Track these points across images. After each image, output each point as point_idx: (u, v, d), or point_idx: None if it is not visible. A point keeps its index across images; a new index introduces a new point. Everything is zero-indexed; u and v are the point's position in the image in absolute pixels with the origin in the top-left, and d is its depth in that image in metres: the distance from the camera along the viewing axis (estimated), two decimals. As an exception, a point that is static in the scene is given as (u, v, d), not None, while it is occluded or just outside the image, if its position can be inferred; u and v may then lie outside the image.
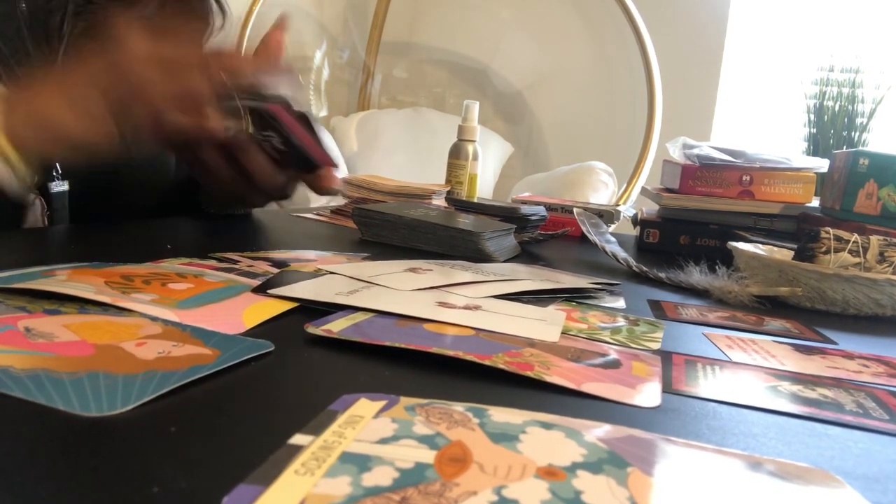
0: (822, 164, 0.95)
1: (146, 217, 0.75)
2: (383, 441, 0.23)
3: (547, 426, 0.26)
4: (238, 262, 0.52)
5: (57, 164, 0.65)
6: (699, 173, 0.96)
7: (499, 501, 0.20)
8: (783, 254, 0.73)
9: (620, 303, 0.55)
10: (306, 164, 0.62)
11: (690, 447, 0.26)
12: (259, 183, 0.63)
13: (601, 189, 1.99)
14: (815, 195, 0.96)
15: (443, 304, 0.44)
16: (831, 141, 2.16)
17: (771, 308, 0.61)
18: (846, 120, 2.16)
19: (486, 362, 0.33)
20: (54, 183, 0.65)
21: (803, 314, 0.60)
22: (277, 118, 0.59)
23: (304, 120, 0.61)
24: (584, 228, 0.81)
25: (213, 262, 0.50)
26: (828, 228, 0.66)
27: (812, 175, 0.95)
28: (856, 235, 0.65)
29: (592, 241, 0.77)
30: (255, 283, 0.45)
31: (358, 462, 0.21)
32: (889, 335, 0.56)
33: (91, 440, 0.22)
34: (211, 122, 0.53)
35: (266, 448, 0.22)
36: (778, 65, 2.32)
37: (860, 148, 2.07)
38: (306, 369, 0.32)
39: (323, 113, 2.62)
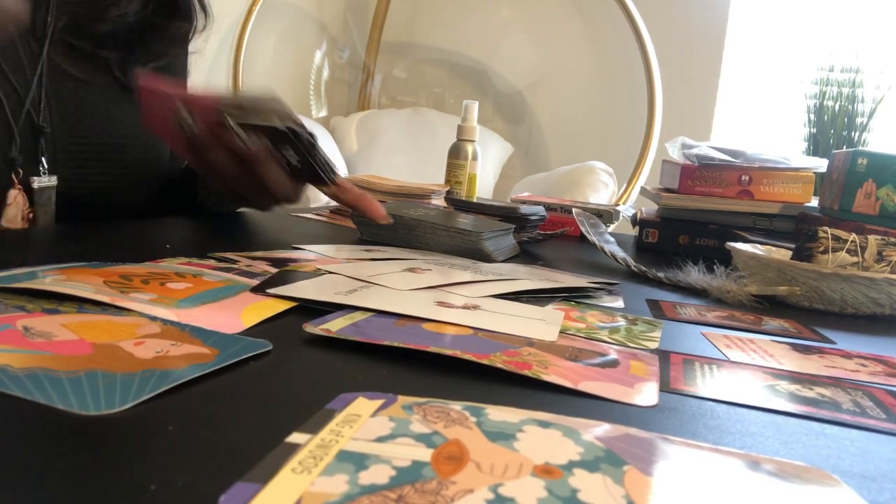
0: (821, 164, 0.95)
1: (137, 213, 0.75)
2: (380, 439, 0.23)
3: (544, 425, 0.26)
4: (237, 261, 0.52)
5: (42, 159, 0.65)
6: (698, 173, 0.96)
7: (495, 499, 0.20)
8: (781, 253, 0.73)
9: (619, 302, 0.55)
10: (317, 178, 0.65)
11: (688, 446, 0.26)
12: (272, 191, 0.63)
13: (601, 189, 1.99)
14: (815, 195, 0.96)
15: (441, 304, 0.44)
16: (831, 141, 2.17)
17: (769, 307, 0.61)
18: (846, 120, 2.16)
19: (485, 361, 0.33)
20: (38, 178, 0.65)
21: (801, 313, 0.61)
22: (298, 135, 0.62)
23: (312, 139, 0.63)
24: (582, 228, 0.81)
25: (211, 262, 0.51)
26: (826, 228, 0.66)
27: (811, 175, 0.95)
28: (854, 235, 0.65)
29: (591, 240, 0.77)
30: (254, 282, 0.45)
31: (355, 460, 0.21)
32: (887, 334, 0.56)
33: (89, 439, 0.22)
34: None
35: (263, 446, 0.22)
36: (778, 65, 2.32)
37: (859, 148, 2.07)
38: (304, 368, 0.32)
39: (323, 113, 2.62)
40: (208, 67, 2.08)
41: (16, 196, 0.63)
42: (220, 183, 0.65)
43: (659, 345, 0.43)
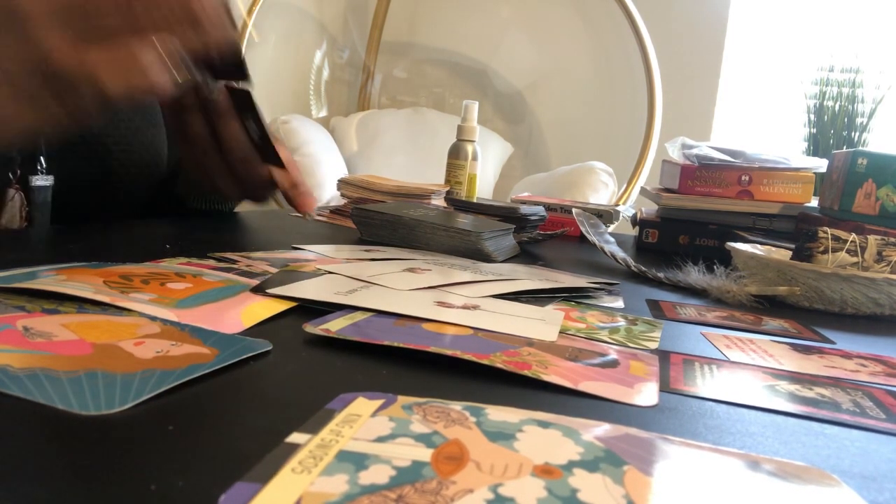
0: (821, 164, 0.95)
1: (136, 213, 0.75)
2: (380, 439, 0.23)
3: (544, 425, 0.26)
4: (237, 261, 0.52)
5: (41, 158, 0.65)
6: (698, 173, 0.96)
7: (495, 499, 0.20)
8: (781, 253, 0.73)
9: (619, 302, 0.55)
10: (274, 157, 0.61)
11: (687, 446, 0.26)
12: (230, 156, 0.61)
13: (601, 189, 2.00)
14: (815, 195, 0.96)
15: (441, 304, 0.44)
16: (831, 141, 2.17)
17: (769, 307, 0.61)
18: (846, 120, 2.16)
19: (484, 361, 0.33)
20: (36, 177, 0.65)
21: (801, 314, 0.61)
22: (252, 102, 0.57)
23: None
24: (582, 228, 0.81)
25: (211, 262, 0.51)
26: (825, 228, 0.66)
27: (811, 175, 0.95)
28: (853, 235, 0.65)
29: (591, 241, 0.77)
30: (254, 282, 0.45)
31: (355, 460, 0.21)
32: (887, 334, 0.56)
33: (89, 439, 0.22)
34: (155, 79, 0.43)
35: (263, 446, 0.22)
36: (778, 65, 2.32)
37: (859, 148, 2.07)
38: (304, 368, 0.32)
39: (323, 113, 2.62)
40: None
41: (13, 195, 0.63)
42: (191, 157, 0.63)
43: (659, 345, 0.43)
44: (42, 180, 0.65)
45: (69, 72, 0.42)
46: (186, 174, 0.76)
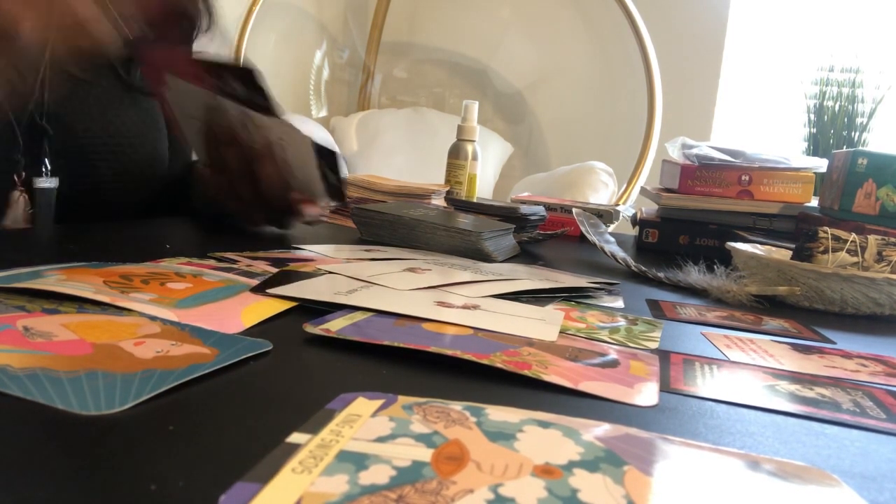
0: (821, 164, 0.95)
1: (137, 213, 0.75)
2: (381, 439, 0.23)
3: (544, 425, 0.26)
4: (237, 261, 0.52)
5: (46, 160, 0.65)
6: (698, 173, 0.96)
7: (495, 499, 0.20)
8: (781, 253, 0.73)
9: (619, 302, 0.55)
10: (342, 198, 0.69)
11: (688, 446, 0.26)
12: (266, 191, 0.64)
13: (601, 189, 1.99)
14: (815, 195, 0.96)
15: (441, 304, 0.44)
16: (831, 141, 2.17)
17: (769, 307, 0.61)
18: (846, 120, 2.16)
19: (484, 361, 0.33)
20: (41, 179, 0.65)
21: (801, 313, 0.61)
22: (336, 161, 0.64)
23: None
24: (582, 228, 0.81)
25: (211, 262, 0.51)
26: (826, 228, 0.66)
27: (811, 175, 0.95)
28: (853, 235, 0.65)
29: (591, 240, 0.77)
30: (254, 282, 0.45)
31: (355, 460, 0.21)
32: (887, 334, 0.56)
33: (89, 439, 0.22)
34: (95, 32, 0.44)
35: (264, 446, 0.22)
36: (778, 65, 2.32)
37: (859, 148, 2.07)
38: (304, 368, 0.32)
39: (323, 113, 2.62)
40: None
41: (18, 197, 0.63)
42: (221, 183, 0.66)
43: (659, 345, 0.43)
44: (46, 182, 0.65)
45: (8, 30, 0.43)
46: (205, 189, 0.78)
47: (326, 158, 0.65)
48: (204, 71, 0.61)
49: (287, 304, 0.41)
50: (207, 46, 0.75)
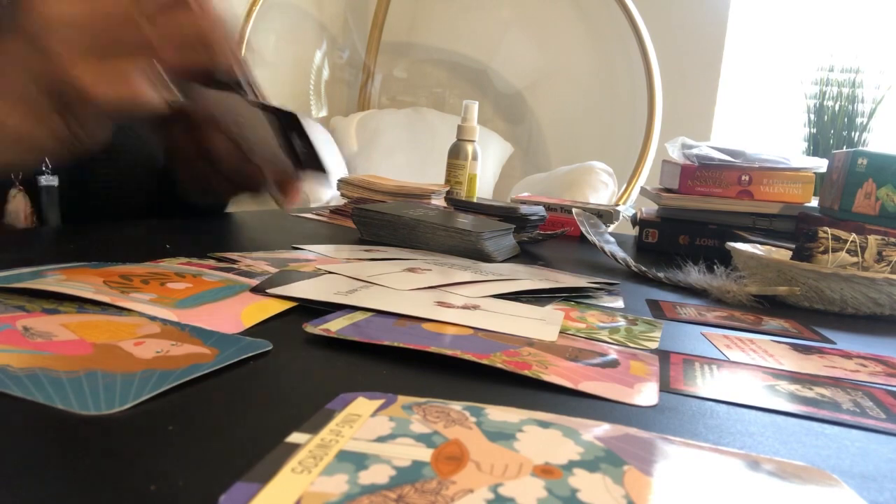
0: (821, 164, 0.95)
1: (137, 213, 0.75)
2: (380, 439, 0.23)
3: (544, 425, 0.26)
4: (237, 261, 0.52)
5: (45, 158, 0.65)
6: (698, 173, 0.96)
7: (495, 499, 0.20)
8: (781, 254, 0.73)
9: (619, 302, 0.55)
10: (320, 167, 0.64)
11: (688, 446, 0.26)
12: (220, 165, 0.62)
13: (601, 189, 1.99)
14: (815, 195, 0.96)
15: (441, 304, 0.44)
16: (831, 141, 2.17)
17: (769, 307, 0.61)
18: (846, 120, 2.16)
19: (484, 361, 0.33)
20: (43, 177, 0.65)
21: (801, 314, 0.61)
22: (299, 123, 0.60)
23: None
24: (582, 228, 0.81)
25: (211, 262, 0.51)
26: (825, 228, 0.66)
27: (811, 175, 0.95)
28: (853, 235, 0.65)
29: (591, 240, 0.77)
30: (254, 282, 0.45)
31: (355, 460, 0.21)
32: (887, 334, 0.56)
33: (89, 439, 0.22)
34: (140, 94, 0.44)
35: (263, 446, 0.22)
36: (778, 65, 2.32)
37: (859, 148, 2.07)
38: (304, 368, 0.32)
39: (323, 113, 2.62)
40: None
41: (16, 195, 0.63)
42: (181, 168, 0.65)
43: (659, 345, 0.43)
44: (48, 180, 0.65)
45: (69, 84, 0.43)
46: (175, 175, 0.77)
47: (288, 123, 0.60)
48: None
49: (287, 304, 0.41)
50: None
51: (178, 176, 0.68)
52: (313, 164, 0.64)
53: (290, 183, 0.67)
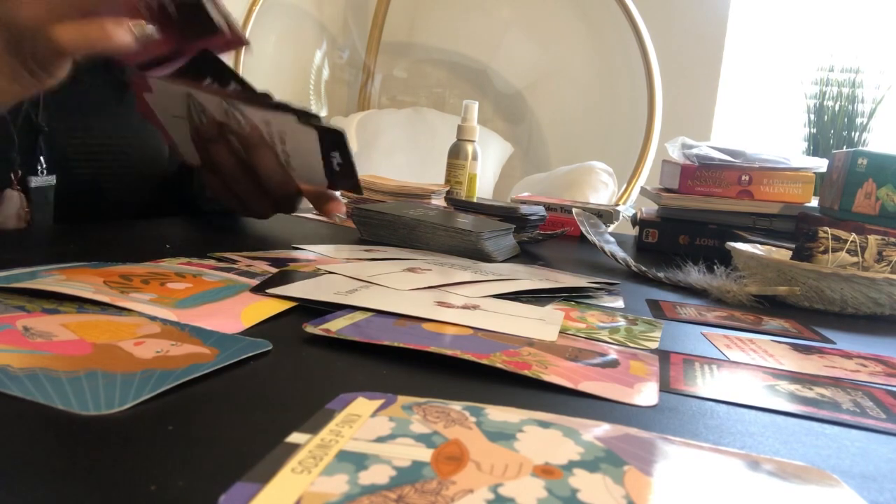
0: (821, 164, 0.95)
1: (136, 212, 0.75)
2: (380, 440, 0.23)
3: (544, 425, 0.26)
4: (237, 261, 0.52)
5: (41, 158, 0.65)
6: (698, 173, 0.96)
7: (495, 500, 0.20)
8: (781, 253, 0.73)
9: (619, 302, 0.55)
10: (355, 183, 0.65)
11: (688, 446, 0.26)
12: (266, 183, 0.63)
13: (601, 189, 1.99)
14: (815, 195, 0.96)
15: (441, 304, 0.44)
16: (831, 141, 2.16)
17: (769, 307, 0.61)
18: (846, 120, 2.16)
19: (484, 361, 0.33)
20: (37, 177, 0.65)
21: (801, 313, 0.61)
22: (344, 141, 0.61)
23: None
24: (582, 228, 0.81)
25: (211, 262, 0.51)
26: (826, 228, 0.66)
27: (811, 175, 0.95)
28: (854, 235, 0.65)
29: (591, 240, 0.77)
30: (254, 282, 0.45)
31: (355, 460, 0.21)
32: (887, 334, 0.56)
33: (89, 439, 0.22)
34: (111, 37, 0.44)
35: (263, 446, 0.22)
36: (778, 65, 2.32)
37: (859, 148, 2.07)
38: (304, 368, 0.32)
39: (323, 113, 2.62)
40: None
41: (11, 195, 0.63)
42: (218, 184, 0.66)
43: (659, 345, 0.43)
44: (42, 181, 0.65)
45: (29, 29, 0.44)
46: (202, 187, 0.77)
47: (333, 139, 0.62)
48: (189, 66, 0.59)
49: (287, 304, 0.41)
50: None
51: (212, 190, 0.69)
52: (348, 180, 0.65)
53: (328, 198, 0.68)
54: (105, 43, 0.45)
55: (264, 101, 0.61)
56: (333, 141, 0.61)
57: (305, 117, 0.60)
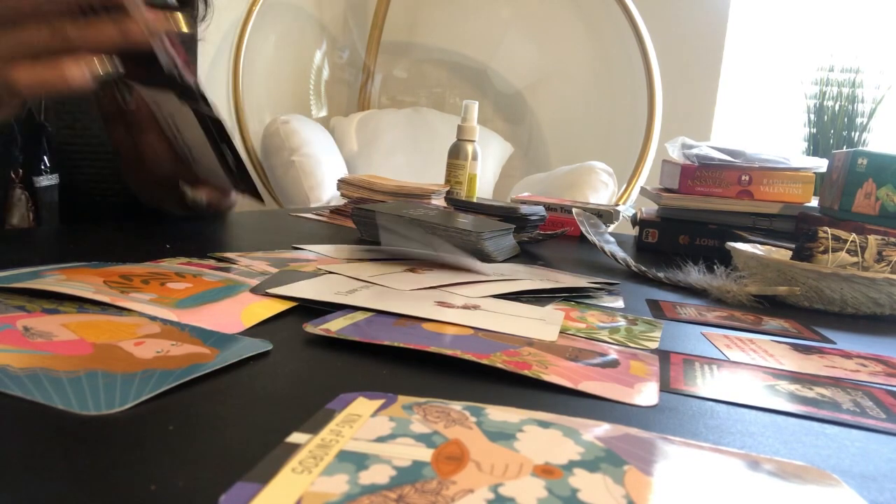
0: (821, 164, 0.95)
1: (136, 212, 0.75)
2: (381, 439, 0.23)
3: (544, 425, 0.26)
4: (237, 261, 0.52)
5: (45, 158, 0.65)
6: (698, 173, 0.96)
7: (495, 499, 0.20)
8: (781, 253, 0.73)
9: (619, 302, 0.55)
10: (253, 188, 0.62)
11: (688, 446, 0.26)
12: (150, 162, 0.61)
13: (601, 189, 1.99)
14: (815, 195, 0.96)
15: (441, 304, 0.44)
16: (831, 141, 2.17)
17: (769, 307, 0.61)
18: (846, 120, 2.16)
19: (485, 361, 0.33)
20: (41, 177, 0.65)
21: (801, 313, 0.61)
22: (226, 131, 0.57)
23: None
24: (582, 228, 0.81)
25: (211, 262, 0.51)
26: (825, 228, 0.66)
27: (811, 175, 0.95)
28: (853, 235, 0.65)
29: (591, 240, 0.77)
30: (254, 282, 0.45)
31: (355, 460, 0.21)
32: (887, 334, 0.56)
33: (89, 439, 0.22)
34: (67, 79, 0.44)
35: (263, 446, 0.22)
36: (778, 65, 2.32)
37: (859, 148, 2.07)
38: (304, 368, 0.32)
39: (323, 113, 2.62)
40: (209, 67, 2.08)
41: (19, 196, 0.63)
42: (123, 166, 0.64)
43: (659, 345, 0.43)
44: (47, 180, 0.65)
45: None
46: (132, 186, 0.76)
47: (218, 130, 0.56)
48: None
49: (287, 304, 0.41)
50: (204, 35, 0.73)
51: (130, 178, 0.66)
52: (247, 183, 0.61)
53: (225, 196, 0.66)
54: (61, 85, 0.44)
55: (157, 76, 0.53)
56: (219, 131, 0.57)
57: (185, 95, 0.54)
